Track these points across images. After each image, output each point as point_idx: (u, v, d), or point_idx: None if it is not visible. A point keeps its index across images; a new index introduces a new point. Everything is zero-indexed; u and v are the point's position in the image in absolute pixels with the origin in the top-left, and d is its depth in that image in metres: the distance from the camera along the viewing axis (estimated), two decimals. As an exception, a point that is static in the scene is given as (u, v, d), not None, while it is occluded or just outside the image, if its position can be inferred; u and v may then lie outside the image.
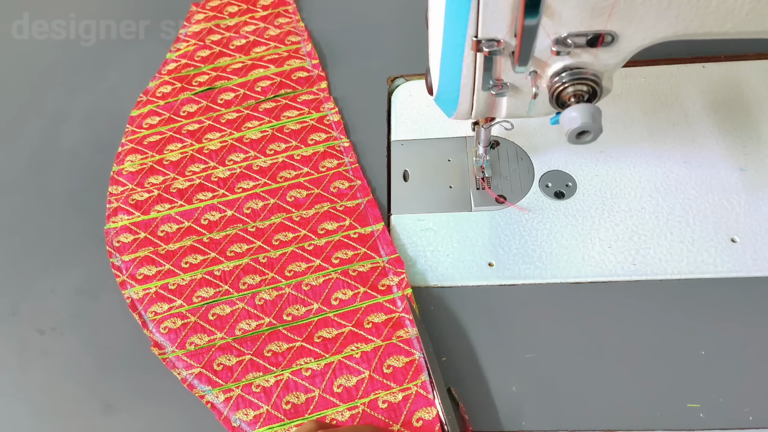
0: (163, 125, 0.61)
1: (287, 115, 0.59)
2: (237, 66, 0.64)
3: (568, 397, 0.43)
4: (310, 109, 0.60)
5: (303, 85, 0.62)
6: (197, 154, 0.58)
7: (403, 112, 0.60)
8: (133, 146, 0.59)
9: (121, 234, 0.54)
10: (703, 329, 0.45)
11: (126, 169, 0.58)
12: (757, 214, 0.49)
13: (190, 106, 0.62)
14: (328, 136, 0.57)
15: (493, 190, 0.53)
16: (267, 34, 0.67)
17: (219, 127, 0.59)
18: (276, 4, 0.70)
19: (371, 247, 0.50)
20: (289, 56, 0.64)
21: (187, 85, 0.63)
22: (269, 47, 0.65)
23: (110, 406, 0.47)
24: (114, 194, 0.57)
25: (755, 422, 0.41)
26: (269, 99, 0.61)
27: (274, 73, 0.63)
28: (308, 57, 0.64)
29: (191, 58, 0.66)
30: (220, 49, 0.66)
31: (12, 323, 0.52)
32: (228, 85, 0.62)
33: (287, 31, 0.67)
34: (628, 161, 0.53)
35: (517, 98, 0.41)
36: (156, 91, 0.64)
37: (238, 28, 0.68)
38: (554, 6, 0.33)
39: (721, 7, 0.33)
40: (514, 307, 0.47)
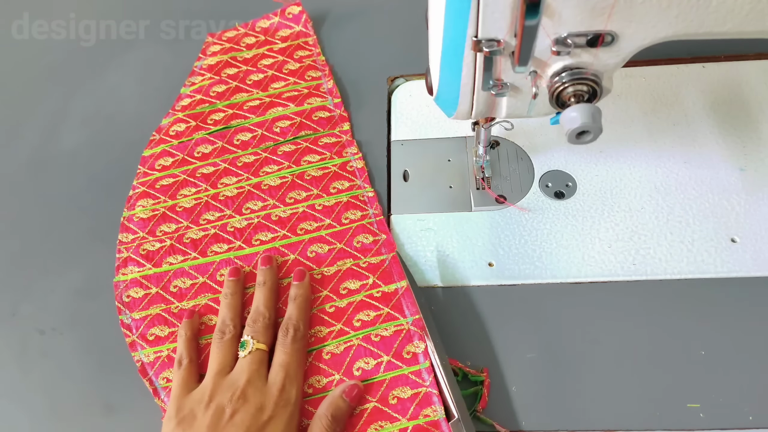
0: (177, 167, 0.57)
1: (308, 160, 0.55)
2: (254, 103, 0.60)
3: (568, 397, 0.43)
4: (332, 154, 0.56)
5: (324, 127, 0.58)
6: (212, 200, 0.54)
7: (403, 112, 0.60)
8: (144, 190, 0.56)
9: (132, 288, 0.50)
10: (703, 329, 0.45)
11: (137, 215, 0.54)
12: (757, 214, 0.49)
13: (205, 146, 0.58)
14: (351, 185, 0.54)
15: (493, 190, 0.53)
16: (286, 68, 0.63)
17: (235, 171, 0.56)
18: (296, 36, 0.66)
19: (395, 307, 0.46)
20: (309, 93, 0.60)
21: (202, 124, 0.60)
22: (288, 83, 0.62)
23: (110, 406, 0.47)
24: (124, 242, 0.53)
25: (755, 422, 0.41)
26: (289, 141, 0.57)
27: (293, 112, 0.59)
28: (329, 95, 0.60)
29: (206, 94, 0.62)
30: (236, 84, 0.63)
31: (12, 323, 0.52)
32: (245, 124, 0.59)
33: (307, 65, 0.63)
34: (628, 161, 0.53)
35: (517, 98, 0.41)
36: (169, 130, 0.60)
37: (256, 62, 0.64)
38: (554, 6, 0.33)
39: (721, 7, 0.33)
40: (514, 307, 0.47)
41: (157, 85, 0.66)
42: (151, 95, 0.66)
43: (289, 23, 0.67)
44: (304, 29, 0.66)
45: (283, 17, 0.67)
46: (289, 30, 0.67)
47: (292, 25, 0.67)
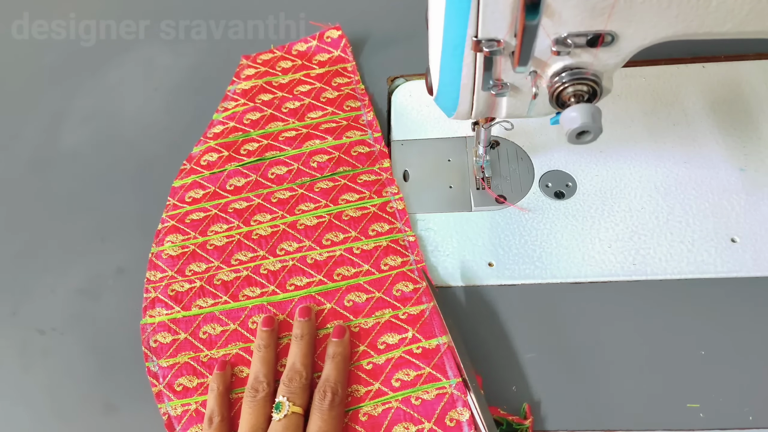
0: (208, 200, 0.54)
1: (346, 199, 0.52)
2: (290, 134, 0.57)
3: (567, 397, 0.43)
4: (372, 193, 0.52)
5: (363, 163, 0.55)
6: (245, 239, 0.51)
7: (403, 112, 0.60)
8: (174, 224, 0.53)
9: (159, 332, 0.48)
10: (703, 329, 0.45)
11: (166, 251, 0.52)
12: (757, 214, 0.49)
13: (238, 179, 0.55)
14: (391, 227, 0.50)
15: (493, 190, 0.53)
16: (323, 96, 0.60)
17: (270, 207, 0.53)
18: (334, 61, 0.63)
19: (437, 366, 0.43)
20: (348, 126, 0.57)
21: (235, 154, 0.57)
22: (326, 113, 0.58)
23: (110, 406, 0.47)
24: (152, 281, 0.51)
25: (755, 422, 0.41)
26: (326, 177, 0.54)
27: (331, 146, 0.55)
28: (369, 128, 0.57)
29: (240, 122, 0.59)
30: (271, 111, 0.59)
31: (12, 323, 0.52)
32: (280, 157, 0.56)
33: (346, 94, 0.60)
34: (628, 161, 0.53)
35: (517, 98, 0.41)
36: (200, 159, 0.57)
37: (292, 88, 0.61)
38: (554, 6, 0.33)
39: (721, 7, 0.33)
40: (514, 307, 0.47)
41: (157, 85, 0.66)
42: (151, 95, 0.66)
43: (328, 47, 0.64)
44: (343, 54, 0.63)
45: (321, 41, 0.64)
46: (327, 55, 0.63)
47: (331, 50, 0.64)
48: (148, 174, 0.59)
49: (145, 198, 0.58)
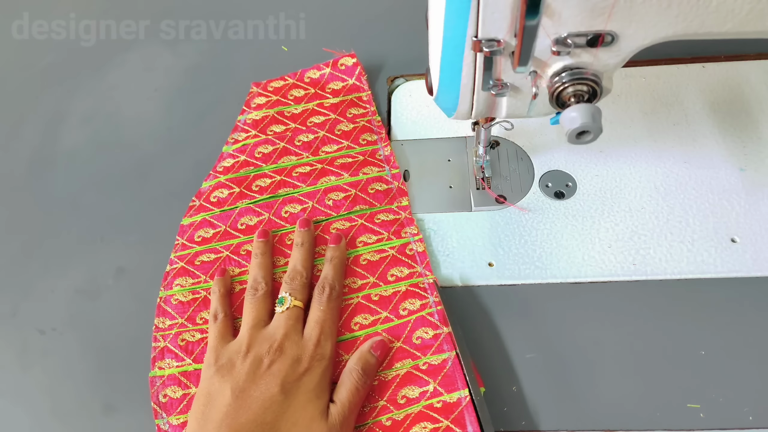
0: (218, 241, 0.52)
1: (364, 241, 0.50)
2: (305, 170, 0.54)
3: (568, 397, 0.43)
4: (390, 234, 0.50)
5: (381, 201, 0.52)
6: None
7: (403, 112, 0.60)
8: (183, 266, 0.51)
9: (169, 386, 0.45)
10: (703, 329, 0.45)
11: (175, 296, 0.49)
12: (757, 214, 0.49)
13: (250, 218, 0.52)
14: (411, 272, 0.48)
15: (493, 190, 0.53)
16: (338, 129, 0.57)
17: (283, 249, 0.50)
18: (348, 90, 0.60)
19: (456, 420, 0.41)
20: (364, 161, 0.54)
21: (247, 191, 0.54)
22: (341, 146, 0.56)
23: (110, 406, 0.47)
24: (161, 329, 0.48)
25: (755, 422, 0.41)
26: (342, 217, 0.51)
27: (347, 183, 0.53)
28: (386, 163, 0.54)
29: (251, 155, 0.56)
30: (284, 145, 0.56)
31: (12, 323, 0.52)
32: (294, 194, 0.53)
33: (362, 126, 0.57)
34: (628, 161, 0.53)
35: (517, 98, 0.41)
36: (210, 195, 0.54)
37: (305, 119, 0.58)
38: (554, 6, 0.33)
39: (721, 7, 0.33)
40: (514, 307, 0.47)
41: (157, 85, 0.66)
42: (151, 95, 0.66)
43: (342, 75, 0.61)
44: (358, 83, 0.61)
45: (335, 68, 0.62)
46: (342, 83, 0.61)
47: (345, 78, 0.61)
48: (148, 174, 0.59)
49: (145, 198, 0.58)
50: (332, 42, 0.67)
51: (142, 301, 0.51)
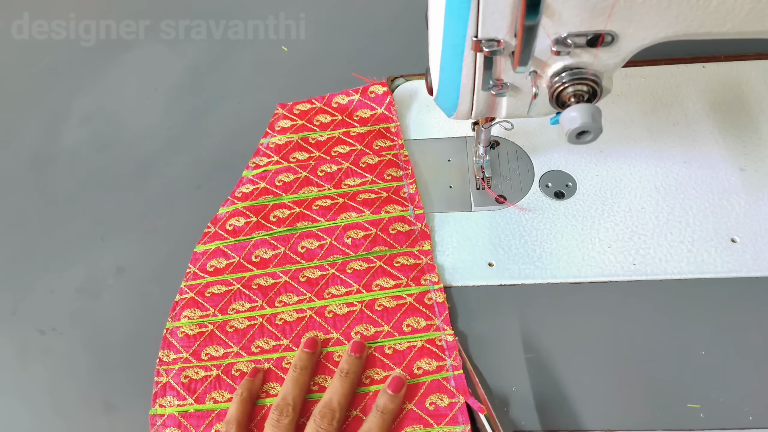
0: (231, 272, 0.50)
1: (380, 284, 0.48)
2: (325, 203, 0.52)
3: (568, 397, 0.43)
4: (409, 280, 0.48)
5: (402, 243, 0.50)
6: (268, 324, 0.47)
7: (402, 112, 0.60)
8: (192, 296, 0.49)
9: (168, 427, 0.43)
10: (703, 329, 0.45)
11: (182, 329, 0.47)
12: (757, 214, 0.49)
13: (265, 250, 0.51)
14: (428, 324, 0.45)
15: (493, 190, 0.53)
16: (363, 161, 0.55)
17: (297, 287, 0.48)
18: (377, 119, 0.58)
19: None
20: (388, 198, 0.52)
21: (264, 221, 0.52)
22: (365, 181, 0.53)
23: (110, 406, 0.47)
24: (165, 362, 0.46)
25: (755, 422, 0.41)
26: (360, 257, 0.49)
27: (368, 221, 0.51)
28: (410, 203, 0.52)
29: (271, 183, 0.54)
30: (306, 174, 0.54)
31: (12, 323, 0.52)
32: (312, 228, 0.51)
33: (388, 160, 0.55)
34: (628, 161, 0.53)
35: (517, 98, 0.41)
36: (226, 223, 0.53)
37: (330, 148, 0.56)
38: (554, 6, 0.33)
39: (721, 7, 0.33)
40: (514, 307, 0.47)
41: (157, 85, 0.66)
42: (151, 95, 0.66)
43: (371, 103, 0.59)
44: (387, 112, 0.58)
45: (365, 96, 0.59)
46: (370, 111, 0.59)
47: (374, 107, 0.59)
48: (148, 174, 0.59)
49: (145, 198, 0.58)
50: (332, 42, 0.67)
51: (142, 300, 0.51)
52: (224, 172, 0.58)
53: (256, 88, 0.65)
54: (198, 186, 0.58)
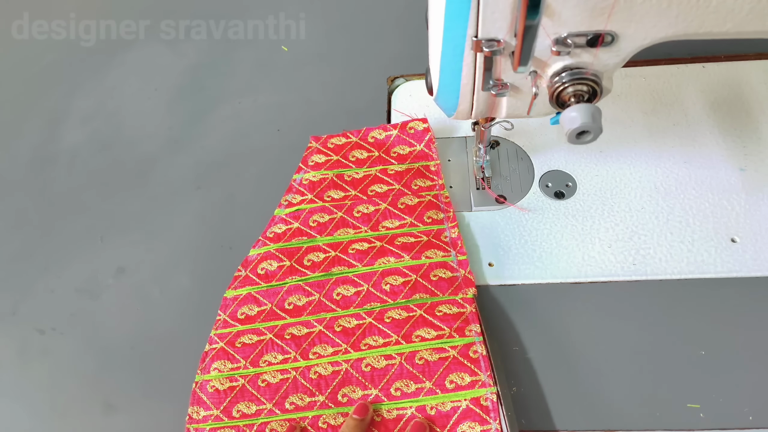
0: (263, 320, 0.47)
1: (421, 335, 0.44)
2: (362, 246, 0.49)
3: (567, 397, 0.43)
4: (452, 331, 0.44)
5: (444, 291, 0.47)
6: (302, 378, 0.44)
7: (403, 112, 0.60)
8: (222, 346, 0.46)
9: None
10: (703, 329, 0.45)
11: (212, 383, 0.44)
12: (757, 214, 0.49)
13: (299, 297, 0.48)
14: (473, 380, 0.42)
15: (493, 190, 0.53)
16: (402, 202, 0.52)
17: (332, 338, 0.45)
18: (416, 157, 0.55)
19: None
20: (428, 243, 0.49)
21: (297, 265, 0.49)
22: (404, 223, 0.50)
23: (110, 406, 0.47)
24: (195, 420, 0.43)
25: (755, 422, 0.41)
26: (399, 305, 0.46)
27: (407, 267, 0.48)
28: (452, 247, 0.49)
29: (305, 223, 0.51)
30: (341, 215, 0.51)
31: (12, 323, 0.52)
32: (348, 274, 0.48)
33: (428, 201, 0.52)
34: (628, 161, 0.53)
35: (517, 98, 0.41)
36: (258, 267, 0.50)
37: (366, 187, 0.53)
38: (554, 6, 0.33)
39: (721, 7, 0.33)
40: (514, 307, 0.47)
41: (157, 85, 0.66)
42: (151, 95, 0.66)
43: (410, 140, 0.56)
44: (427, 150, 0.55)
45: (404, 131, 0.56)
46: (409, 148, 0.55)
47: (413, 143, 0.55)
48: (148, 174, 0.59)
49: (146, 198, 0.58)
50: (332, 42, 0.67)
51: (142, 300, 0.51)
52: (224, 172, 0.58)
53: (256, 88, 0.65)
54: (198, 186, 0.58)
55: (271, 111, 0.62)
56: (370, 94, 0.62)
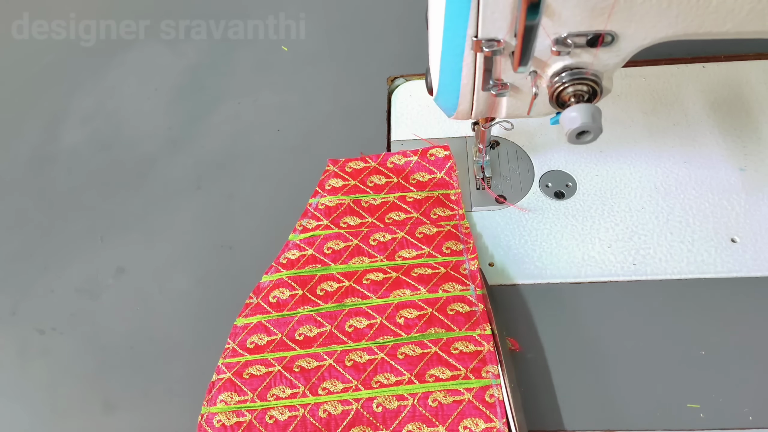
0: (272, 351, 0.45)
1: (435, 375, 0.42)
2: (377, 277, 0.48)
3: (567, 397, 0.43)
4: (468, 372, 0.42)
5: (461, 326, 0.45)
6: (311, 416, 0.42)
7: (403, 112, 0.60)
8: (230, 377, 0.44)
9: None
10: (703, 329, 0.45)
11: (218, 418, 0.42)
12: (757, 214, 0.49)
13: (310, 328, 0.46)
14: (488, 427, 0.40)
15: (493, 190, 0.53)
16: (419, 231, 0.50)
17: (342, 373, 0.43)
18: (435, 184, 0.53)
19: None
20: (446, 275, 0.47)
21: (310, 295, 0.48)
22: (421, 253, 0.49)
23: (110, 406, 0.47)
24: None
25: (755, 422, 0.41)
26: (413, 340, 0.44)
27: (423, 299, 0.46)
28: (471, 281, 0.47)
29: (320, 250, 0.50)
30: (357, 242, 0.50)
31: (12, 323, 0.52)
32: (362, 305, 0.47)
33: (447, 231, 0.50)
34: (628, 161, 0.53)
35: (517, 98, 0.41)
36: (270, 295, 0.48)
37: (383, 214, 0.52)
38: (554, 6, 0.33)
39: (721, 7, 0.33)
40: (514, 307, 0.47)
41: (157, 85, 0.66)
42: (151, 95, 0.66)
43: (430, 167, 0.54)
44: (447, 178, 0.53)
45: (424, 158, 0.55)
46: (429, 175, 0.54)
47: (434, 171, 0.54)
48: (147, 173, 0.59)
49: (145, 197, 0.58)
50: (332, 42, 0.67)
51: (142, 300, 0.51)
52: (224, 173, 0.58)
53: (256, 88, 0.65)
54: (198, 186, 0.58)
55: (271, 111, 0.62)
56: (370, 94, 0.62)
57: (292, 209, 0.54)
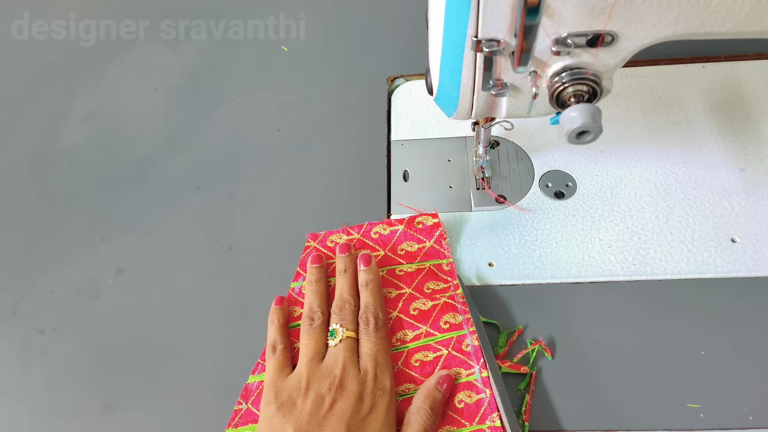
0: None
1: None
2: None
3: (567, 397, 0.43)
4: None
5: (471, 418, 0.42)
6: None
7: (403, 112, 0.60)
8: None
9: None
10: (703, 329, 0.45)
11: None
12: (757, 214, 0.49)
13: None
14: None
15: (493, 190, 0.53)
16: (414, 308, 0.46)
17: None
18: (425, 255, 0.49)
19: None
20: (449, 357, 0.44)
21: None
22: (419, 334, 0.45)
23: (110, 406, 0.47)
24: None
25: (755, 422, 0.41)
26: None
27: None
28: (476, 361, 0.44)
29: None
30: None
31: (12, 323, 0.52)
32: None
33: (443, 304, 0.46)
34: (628, 161, 0.53)
35: (517, 98, 0.41)
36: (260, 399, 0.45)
37: None
38: (554, 6, 0.33)
39: (721, 7, 0.33)
40: (514, 307, 0.47)
41: (157, 85, 0.66)
42: (151, 95, 0.66)
43: (418, 235, 0.50)
44: (437, 246, 0.49)
45: (411, 227, 0.51)
46: (417, 245, 0.50)
47: (422, 239, 0.50)
48: (147, 174, 0.59)
49: (145, 198, 0.58)
50: (332, 42, 0.67)
51: (142, 300, 0.51)
52: (224, 172, 0.58)
53: (256, 88, 0.65)
54: (198, 186, 0.58)
55: (271, 111, 0.62)
56: (370, 94, 0.62)
57: (292, 209, 0.54)
